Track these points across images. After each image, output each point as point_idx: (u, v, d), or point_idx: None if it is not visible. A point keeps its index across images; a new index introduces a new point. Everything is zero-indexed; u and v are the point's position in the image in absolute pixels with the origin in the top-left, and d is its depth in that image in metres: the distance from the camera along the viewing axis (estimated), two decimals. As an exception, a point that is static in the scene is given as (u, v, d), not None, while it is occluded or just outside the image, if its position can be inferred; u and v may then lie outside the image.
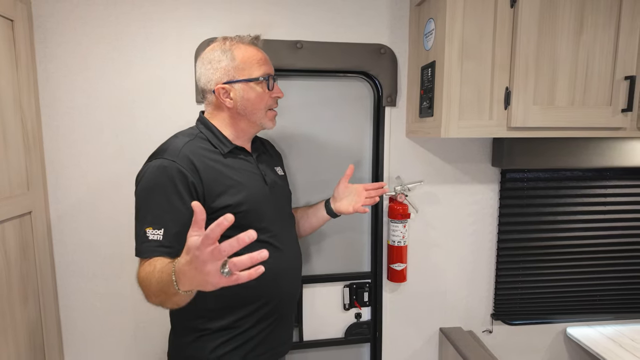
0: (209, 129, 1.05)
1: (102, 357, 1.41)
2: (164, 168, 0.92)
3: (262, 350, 1.06)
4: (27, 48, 1.22)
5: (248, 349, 1.03)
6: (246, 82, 1.01)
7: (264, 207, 1.04)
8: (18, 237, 1.17)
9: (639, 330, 1.67)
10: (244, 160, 1.06)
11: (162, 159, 0.93)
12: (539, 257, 1.63)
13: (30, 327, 1.22)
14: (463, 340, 1.53)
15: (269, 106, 1.07)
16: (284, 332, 1.14)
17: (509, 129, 1.21)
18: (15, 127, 1.17)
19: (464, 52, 1.18)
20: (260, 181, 1.07)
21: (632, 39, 1.20)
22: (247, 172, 1.04)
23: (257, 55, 1.04)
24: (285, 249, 1.09)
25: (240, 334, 1.02)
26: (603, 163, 1.51)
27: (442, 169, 1.55)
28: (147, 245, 0.88)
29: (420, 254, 1.57)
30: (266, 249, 1.00)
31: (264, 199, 1.04)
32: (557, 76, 1.20)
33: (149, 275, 0.82)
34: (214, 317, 1.01)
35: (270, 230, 1.04)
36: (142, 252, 0.88)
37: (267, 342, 1.07)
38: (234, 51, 1.02)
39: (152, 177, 0.92)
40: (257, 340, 1.04)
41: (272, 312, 1.05)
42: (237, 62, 1.01)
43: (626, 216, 1.64)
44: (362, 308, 1.58)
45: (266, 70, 1.04)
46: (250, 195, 1.00)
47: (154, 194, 0.91)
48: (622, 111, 1.23)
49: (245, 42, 1.04)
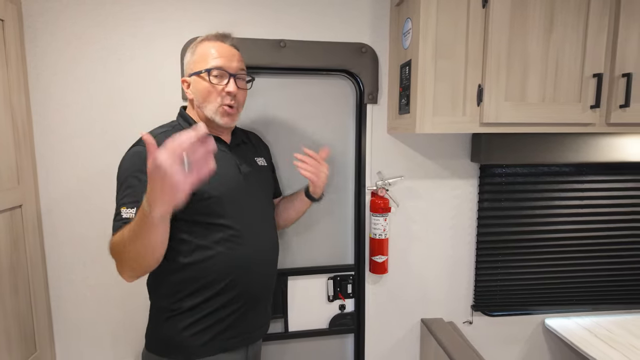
0: (186, 120, 1.13)
1: (92, 345, 1.46)
2: (137, 153, 1.00)
3: (232, 334, 1.10)
4: (17, 47, 1.26)
5: (217, 330, 1.08)
6: (197, 75, 1.07)
7: (236, 195, 1.08)
8: (8, 229, 1.22)
9: (615, 321, 1.72)
10: (218, 150, 1.11)
11: (137, 146, 1.02)
12: (518, 250, 1.68)
13: (21, 317, 1.27)
14: (443, 331, 1.58)
15: (222, 102, 1.07)
16: (257, 318, 1.18)
17: (482, 125, 1.26)
18: (5, 124, 1.21)
19: (438, 51, 1.22)
20: (235, 170, 1.11)
21: (599, 38, 1.25)
22: (221, 161, 1.08)
23: (215, 50, 1.07)
24: (256, 235, 1.13)
25: (209, 315, 1.06)
26: (579, 159, 1.55)
27: (423, 165, 1.59)
28: (120, 222, 0.94)
29: (402, 246, 1.62)
30: (234, 236, 1.06)
31: (236, 186, 1.09)
32: (528, 73, 1.25)
33: (121, 234, 0.89)
34: (182, 299, 1.06)
35: (240, 216, 1.09)
36: (116, 228, 0.95)
37: (238, 327, 1.11)
38: (197, 47, 1.09)
39: (128, 162, 1.01)
40: (226, 323, 1.09)
41: (240, 296, 1.09)
42: (195, 57, 1.08)
43: (603, 210, 1.68)
44: (345, 300, 1.63)
45: (218, 63, 1.06)
46: (221, 182, 1.05)
47: (128, 177, 0.98)
48: (591, 107, 1.27)
49: (210, 39, 1.09)
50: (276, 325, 1.59)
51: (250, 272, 1.11)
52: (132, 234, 0.86)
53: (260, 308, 1.19)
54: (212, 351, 1.08)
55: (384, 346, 1.67)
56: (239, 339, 1.13)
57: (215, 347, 1.08)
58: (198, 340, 1.06)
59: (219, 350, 1.09)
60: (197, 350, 1.06)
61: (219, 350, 1.09)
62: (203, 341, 1.07)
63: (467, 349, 1.46)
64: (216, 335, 1.08)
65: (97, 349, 1.46)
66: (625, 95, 1.27)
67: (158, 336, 1.09)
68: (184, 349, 1.06)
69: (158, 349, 1.09)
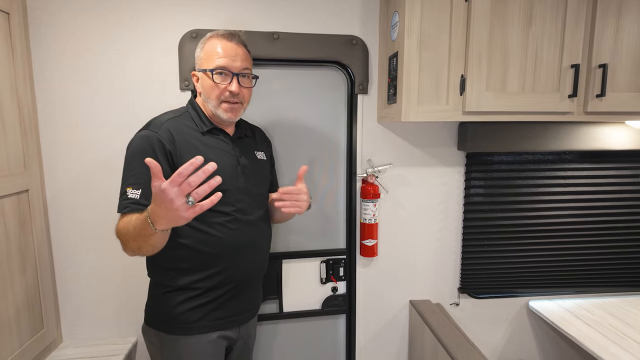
0: (195, 109, 1.19)
1: (95, 323, 1.54)
2: (146, 137, 1.07)
3: (222, 314, 1.18)
4: (22, 39, 1.32)
5: (208, 309, 1.15)
6: (203, 72, 1.14)
7: (232, 184, 1.15)
8: (16, 212, 1.29)
9: (596, 303, 1.80)
10: (221, 141, 1.18)
11: (146, 130, 1.09)
12: (503, 235, 1.75)
13: (29, 293, 1.34)
14: (431, 312, 1.66)
15: (223, 99, 1.13)
16: (247, 301, 1.25)
17: (464, 114, 1.32)
18: (12, 113, 1.28)
19: (422, 43, 1.28)
20: (233, 161, 1.18)
21: (577, 30, 1.31)
22: (221, 151, 1.16)
23: (221, 49, 1.12)
24: (249, 224, 1.20)
25: (201, 295, 1.14)
26: (562, 147, 1.62)
27: (412, 153, 1.66)
28: (126, 202, 1.01)
29: (391, 231, 1.70)
30: (227, 222, 1.15)
31: (232, 176, 1.16)
32: (509, 64, 1.31)
33: (127, 225, 0.95)
34: (176, 276, 1.14)
35: (235, 205, 1.16)
36: (121, 207, 1.02)
37: (228, 308, 1.19)
38: (205, 43, 1.15)
39: (136, 144, 1.07)
40: (217, 304, 1.16)
41: (230, 279, 1.17)
42: (202, 54, 1.14)
43: (585, 197, 1.75)
44: (337, 282, 1.71)
45: (221, 63, 1.11)
46: (218, 171, 1.11)
47: (135, 159, 1.05)
48: (569, 97, 1.34)
49: (218, 36, 1.14)
50: (271, 305, 1.67)
51: (241, 257, 1.18)
52: (135, 233, 0.93)
53: (251, 292, 1.26)
54: (204, 329, 1.16)
55: (374, 326, 1.75)
56: (229, 320, 1.20)
57: (207, 325, 1.16)
58: (191, 317, 1.14)
59: (210, 329, 1.17)
60: (190, 326, 1.14)
61: (211, 329, 1.17)
62: (195, 318, 1.14)
63: (453, 329, 1.54)
64: (208, 313, 1.16)
65: (101, 326, 1.54)
66: (602, 85, 1.33)
67: (156, 311, 1.17)
68: (178, 323, 1.14)
69: (156, 324, 1.17)
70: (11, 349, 1.25)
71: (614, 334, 1.53)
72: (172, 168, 1.06)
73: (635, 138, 1.63)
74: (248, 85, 1.18)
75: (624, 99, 1.36)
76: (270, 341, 1.70)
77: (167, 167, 1.05)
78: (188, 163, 0.79)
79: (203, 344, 1.15)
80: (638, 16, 1.33)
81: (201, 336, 1.15)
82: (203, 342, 1.15)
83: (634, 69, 1.36)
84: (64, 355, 1.44)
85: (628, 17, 1.33)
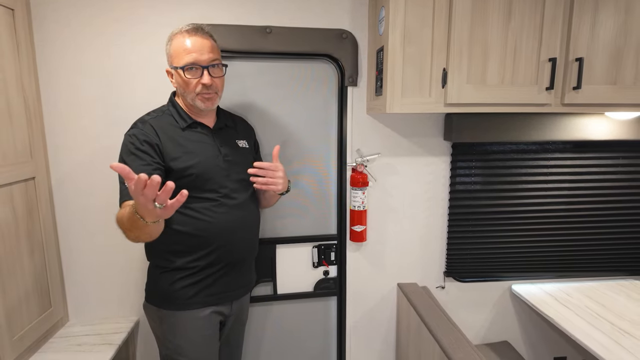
0: (174, 106, 1.28)
1: (100, 303, 1.64)
2: (134, 135, 1.18)
3: (215, 291, 1.28)
4: (26, 34, 1.39)
5: (201, 287, 1.26)
6: (175, 70, 1.21)
7: (215, 173, 1.24)
8: (24, 198, 1.38)
9: (575, 287, 1.88)
10: (200, 134, 1.27)
11: (133, 129, 1.20)
12: (488, 222, 1.83)
13: (37, 275, 1.43)
14: (417, 295, 1.74)
15: (199, 91, 1.19)
16: (239, 278, 1.36)
17: (446, 105, 1.39)
18: (18, 105, 1.36)
19: (406, 37, 1.35)
20: (214, 151, 1.27)
21: (555, 25, 1.37)
22: (202, 144, 1.25)
23: (187, 45, 1.17)
24: (235, 207, 1.29)
25: (195, 273, 1.24)
26: (544, 137, 1.69)
27: (399, 143, 1.73)
28: (123, 192, 1.12)
29: (379, 218, 1.78)
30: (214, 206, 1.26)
31: (214, 166, 1.25)
32: (489, 58, 1.38)
33: (122, 217, 1.03)
34: (171, 258, 1.24)
35: (218, 191, 1.25)
36: (120, 198, 1.13)
37: (220, 285, 1.29)
38: (172, 40, 1.21)
39: (126, 142, 1.18)
40: (209, 281, 1.27)
41: (221, 258, 1.26)
42: (171, 51, 1.21)
43: (566, 185, 1.82)
44: (329, 266, 1.80)
45: (190, 59, 1.16)
46: (200, 162, 1.22)
47: (128, 154, 1.15)
48: (547, 89, 1.40)
49: (183, 32, 1.19)
50: (266, 288, 1.76)
51: (230, 237, 1.27)
52: (129, 224, 1.00)
53: (243, 269, 1.36)
54: (198, 304, 1.26)
55: (363, 308, 1.85)
56: (222, 296, 1.31)
57: (201, 301, 1.26)
58: (187, 294, 1.24)
59: (204, 304, 1.27)
60: (186, 302, 1.24)
61: (205, 304, 1.27)
62: (190, 294, 1.24)
63: (436, 309, 1.62)
64: (202, 290, 1.26)
65: (105, 306, 1.64)
66: (578, 78, 1.39)
67: (154, 289, 1.28)
68: (175, 299, 1.24)
69: (155, 301, 1.28)
70: (21, 325, 1.34)
71: (589, 315, 1.61)
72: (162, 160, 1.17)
73: (614, 129, 1.69)
74: (219, 75, 1.23)
75: (600, 91, 1.42)
76: (265, 321, 1.80)
77: (158, 158, 1.16)
78: (130, 183, 0.84)
79: (198, 318, 1.25)
80: (614, 11, 1.39)
81: (196, 311, 1.25)
82: (198, 316, 1.25)
83: (610, 62, 1.42)
84: (71, 333, 1.54)
85: (604, 12, 1.38)
